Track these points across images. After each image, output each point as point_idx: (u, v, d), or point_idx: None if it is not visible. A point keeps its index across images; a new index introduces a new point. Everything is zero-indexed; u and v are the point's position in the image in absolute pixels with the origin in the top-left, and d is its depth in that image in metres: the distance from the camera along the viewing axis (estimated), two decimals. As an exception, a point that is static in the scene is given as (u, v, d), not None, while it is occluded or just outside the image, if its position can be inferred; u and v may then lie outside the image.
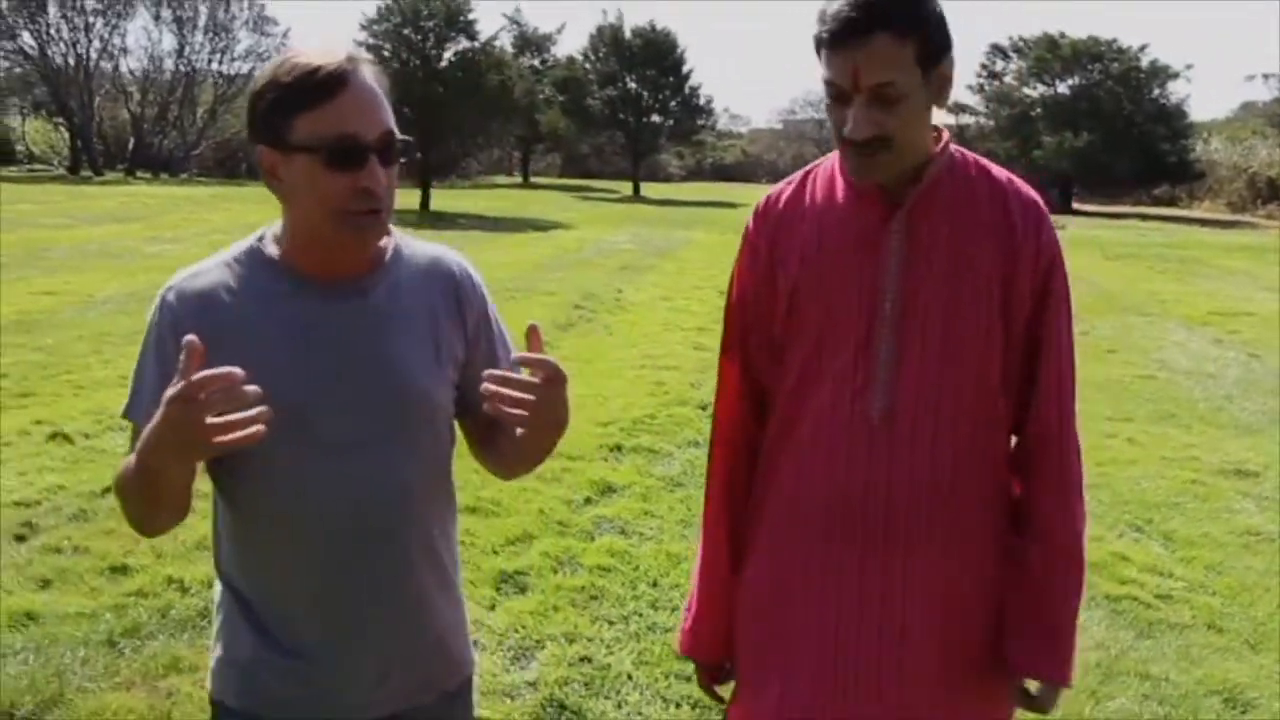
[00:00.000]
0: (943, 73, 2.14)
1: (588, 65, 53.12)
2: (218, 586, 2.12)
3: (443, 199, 34.34)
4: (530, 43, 53.37)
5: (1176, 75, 48.26)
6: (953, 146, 2.27)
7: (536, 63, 53.26)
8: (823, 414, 2.27)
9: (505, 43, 41.91)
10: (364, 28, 33.25)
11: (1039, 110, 49.86)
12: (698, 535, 2.51)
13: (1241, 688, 4.45)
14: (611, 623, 4.80)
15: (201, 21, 51.16)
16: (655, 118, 51.99)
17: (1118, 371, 10.84)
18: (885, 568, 2.25)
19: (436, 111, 31.99)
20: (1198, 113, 64.36)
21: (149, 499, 1.88)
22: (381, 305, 2.04)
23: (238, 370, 1.67)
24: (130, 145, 49.52)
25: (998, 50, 53.11)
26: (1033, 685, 2.31)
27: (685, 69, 51.30)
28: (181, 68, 51.30)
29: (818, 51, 2.14)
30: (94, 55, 49.43)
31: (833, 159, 2.32)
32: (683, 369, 10.31)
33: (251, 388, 1.67)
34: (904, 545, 2.24)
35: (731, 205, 38.29)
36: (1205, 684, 4.47)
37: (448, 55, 33.74)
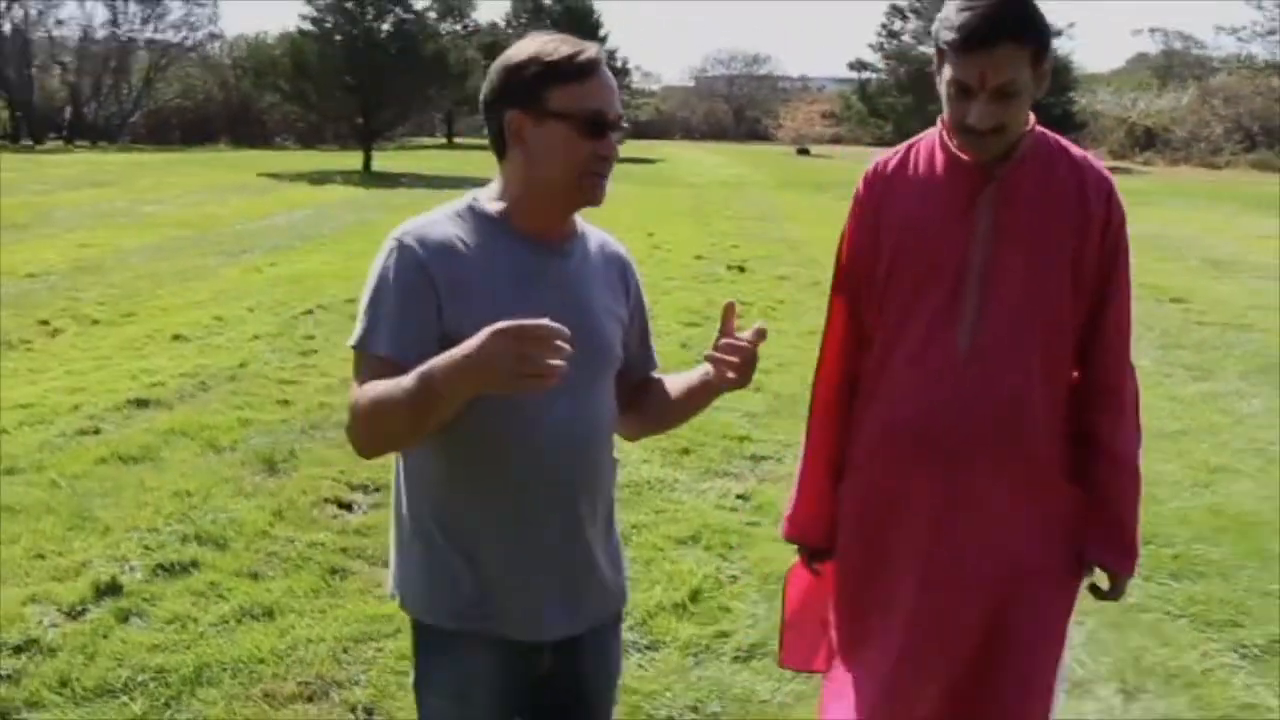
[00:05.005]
0: (1045, 68, 2.44)
1: (510, 31, 55.48)
2: (399, 512, 2.31)
3: (381, 160, 36.59)
4: (451, 8, 55.32)
5: (1060, 33, 51.52)
6: (1038, 128, 2.57)
7: (458, 28, 55.31)
8: (916, 347, 2.60)
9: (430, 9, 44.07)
10: (308, 1, 35.41)
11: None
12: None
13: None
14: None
15: (134, -8, 52.85)
16: (575, 80, 54.40)
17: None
18: (967, 478, 2.59)
19: (377, 79, 34.40)
20: (1094, 65, 67.95)
21: (414, 422, 2.01)
22: (579, 266, 2.30)
23: (565, 330, 1.83)
24: (68, 114, 51.11)
25: (896, 10, 55.95)
26: (1103, 580, 2.74)
27: (602, 33, 53.80)
28: (116, 37, 52.84)
29: (940, 54, 2.46)
30: (29, 27, 50.94)
31: (933, 134, 2.64)
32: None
33: (563, 344, 1.82)
34: (985, 458, 2.58)
35: (650, 161, 40.97)
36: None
37: (386, 26, 36.14)
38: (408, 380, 1.95)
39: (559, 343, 1.83)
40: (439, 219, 2.23)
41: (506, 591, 2.24)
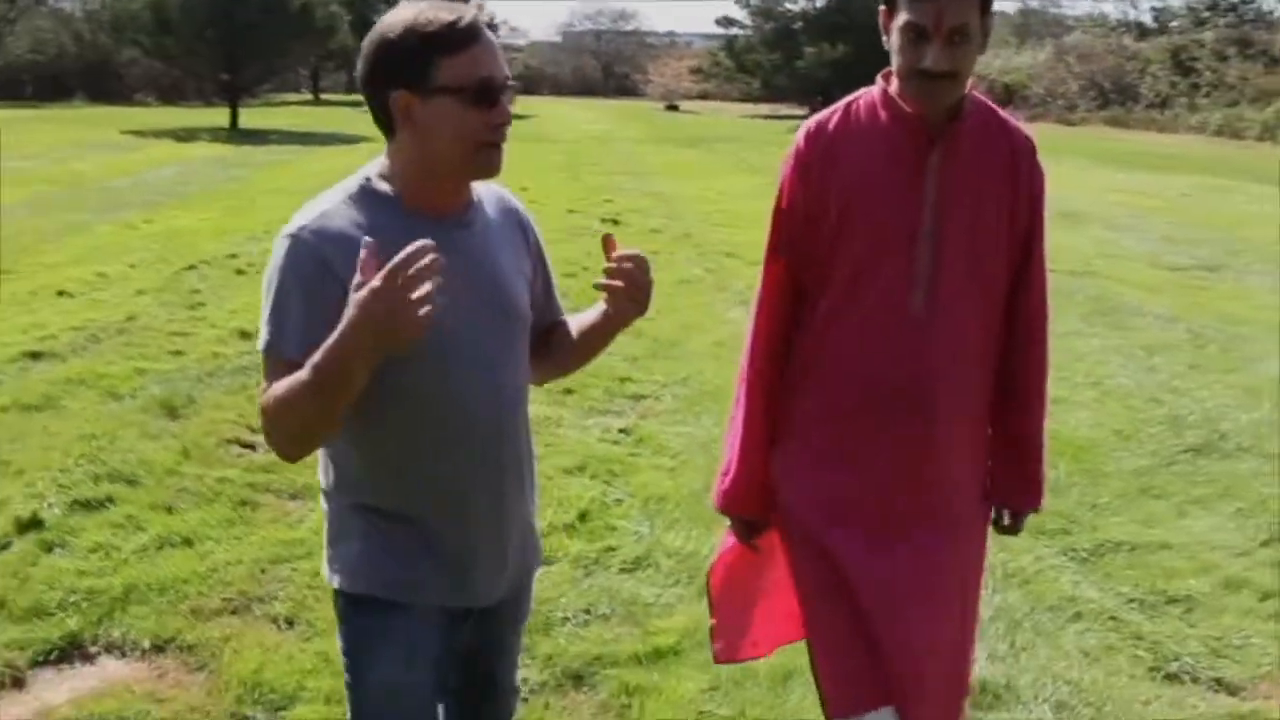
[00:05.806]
0: (989, 23, 2.50)
1: (375, -16, 54.88)
2: (328, 507, 2.33)
3: (248, 117, 36.09)
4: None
5: (921, -9, 52.47)
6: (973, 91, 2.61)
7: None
8: (870, 307, 2.63)
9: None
10: (169, -48, 34.59)
11: (800, 24, 53.62)
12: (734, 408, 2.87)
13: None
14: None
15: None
16: (443, 35, 53.97)
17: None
18: (922, 432, 2.66)
19: (241, 34, 33.86)
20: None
21: (326, 410, 1.99)
22: (482, 235, 2.26)
23: (429, 242, 1.84)
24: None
25: (762, -33, 56.64)
26: (1006, 516, 2.88)
27: (469, -13, 53.47)
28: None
29: (889, 5, 2.51)
30: None
31: (870, 93, 2.66)
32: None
33: (431, 255, 1.85)
34: (937, 414, 2.65)
35: (521, 117, 40.91)
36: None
37: (250, -21, 35.48)
38: (304, 372, 1.95)
39: (422, 263, 1.83)
40: (332, 206, 2.15)
41: (441, 562, 2.27)
